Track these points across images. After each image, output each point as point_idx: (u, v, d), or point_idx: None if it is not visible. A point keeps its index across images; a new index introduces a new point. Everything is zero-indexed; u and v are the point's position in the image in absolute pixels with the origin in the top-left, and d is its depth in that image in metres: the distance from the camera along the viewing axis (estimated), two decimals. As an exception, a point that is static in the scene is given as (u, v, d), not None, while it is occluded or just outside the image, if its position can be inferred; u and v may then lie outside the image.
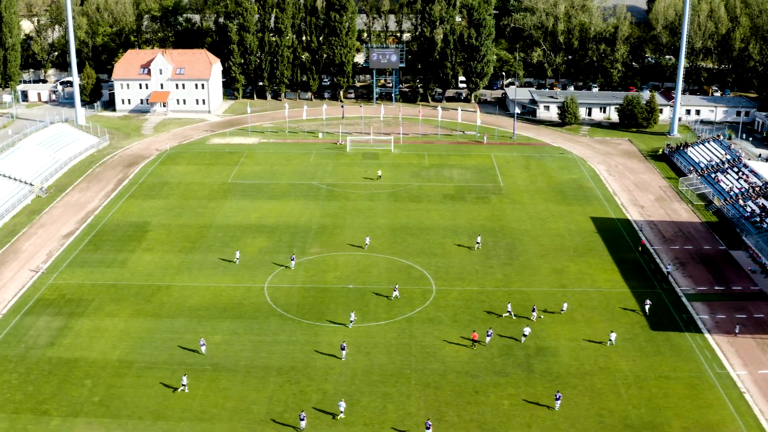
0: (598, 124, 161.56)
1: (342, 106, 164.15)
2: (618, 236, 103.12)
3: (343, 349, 74.22)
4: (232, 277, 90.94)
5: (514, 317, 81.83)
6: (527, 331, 77.92)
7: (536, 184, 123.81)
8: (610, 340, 77.41)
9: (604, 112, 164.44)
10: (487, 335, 76.94)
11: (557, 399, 67.52)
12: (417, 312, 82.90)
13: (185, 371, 71.71)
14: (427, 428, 63.18)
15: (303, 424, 64.07)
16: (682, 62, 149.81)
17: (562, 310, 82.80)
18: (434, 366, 73.04)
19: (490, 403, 67.77)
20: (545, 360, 74.18)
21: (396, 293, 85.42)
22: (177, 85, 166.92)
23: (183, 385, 69.41)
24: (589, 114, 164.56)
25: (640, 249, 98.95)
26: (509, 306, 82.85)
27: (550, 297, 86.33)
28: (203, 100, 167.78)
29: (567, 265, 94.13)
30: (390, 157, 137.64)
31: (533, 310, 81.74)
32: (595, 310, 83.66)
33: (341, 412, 65.88)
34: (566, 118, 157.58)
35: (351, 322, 79.91)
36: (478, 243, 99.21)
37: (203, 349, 75.28)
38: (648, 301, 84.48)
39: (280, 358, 74.13)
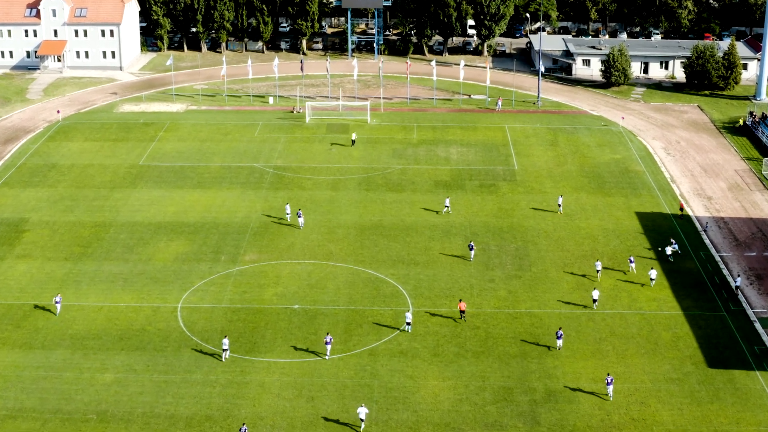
0: (658, 85, 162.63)
1: (302, 61, 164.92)
2: (672, 239, 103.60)
3: (327, 343, 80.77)
4: (135, 294, 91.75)
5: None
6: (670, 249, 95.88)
7: (564, 167, 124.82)
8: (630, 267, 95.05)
9: (666, 68, 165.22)
10: (557, 337, 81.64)
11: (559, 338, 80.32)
12: (384, 342, 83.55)
13: (63, 419, 72.49)
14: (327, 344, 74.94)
15: None
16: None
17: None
18: (403, 416, 73.60)
19: (476, 467, 68.54)
20: (557, 408, 74.59)
21: (472, 253, 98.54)
22: (77, 32, 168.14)
23: (225, 350, 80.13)
24: (645, 71, 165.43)
25: (681, 212, 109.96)
26: (669, 249, 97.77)
27: (572, 321, 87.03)
28: (113, 53, 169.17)
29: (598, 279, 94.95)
30: (366, 130, 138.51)
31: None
32: (631, 340, 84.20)
33: (362, 420, 70.89)
34: (612, 77, 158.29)
35: (408, 325, 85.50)
36: (674, 247, 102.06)
37: (58, 307, 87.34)
38: (674, 243, 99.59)
39: (192, 405, 74.71)
